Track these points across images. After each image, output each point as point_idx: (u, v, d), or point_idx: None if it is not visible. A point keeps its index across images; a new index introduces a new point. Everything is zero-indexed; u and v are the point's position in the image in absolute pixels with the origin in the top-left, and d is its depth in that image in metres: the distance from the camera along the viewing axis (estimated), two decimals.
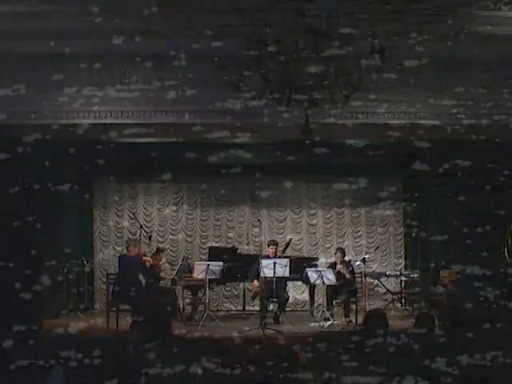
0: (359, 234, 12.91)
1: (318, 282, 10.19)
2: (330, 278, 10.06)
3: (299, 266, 10.48)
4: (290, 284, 11.25)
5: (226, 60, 7.17)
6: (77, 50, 7.76)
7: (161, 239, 12.68)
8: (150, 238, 10.96)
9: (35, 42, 7.63)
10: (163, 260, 10.79)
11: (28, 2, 7.09)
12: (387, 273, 11.74)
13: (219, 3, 6.90)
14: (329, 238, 12.92)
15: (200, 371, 4.41)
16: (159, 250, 11.08)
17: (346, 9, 6.21)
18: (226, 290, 12.58)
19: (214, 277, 10.16)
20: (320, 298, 11.62)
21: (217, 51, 7.26)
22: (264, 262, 9.88)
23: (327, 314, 10.20)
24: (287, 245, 11.38)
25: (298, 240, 12.84)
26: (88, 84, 8.24)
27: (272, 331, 9.31)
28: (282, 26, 6.08)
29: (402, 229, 12.81)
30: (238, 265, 10.66)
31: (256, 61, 6.07)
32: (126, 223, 12.71)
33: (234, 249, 11.50)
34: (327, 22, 5.85)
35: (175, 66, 7.71)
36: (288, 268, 9.90)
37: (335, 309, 10.49)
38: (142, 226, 10.71)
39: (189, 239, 12.87)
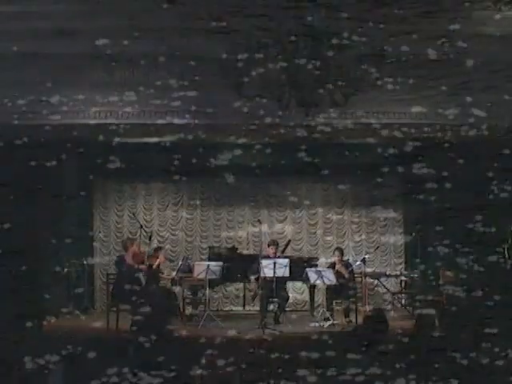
0: (359, 234, 12.92)
1: (318, 281, 10.20)
2: (330, 278, 10.06)
3: (299, 266, 10.49)
4: (289, 284, 11.25)
5: (227, 61, 7.18)
6: (77, 50, 7.77)
7: (161, 239, 12.68)
8: (150, 237, 10.95)
9: (35, 41, 7.64)
10: (161, 258, 10.78)
11: (29, 2, 7.10)
12: (387, 273, 11.75)
13: (220, 4, 6.90)
14: (329, 238, 12.91)
15: (199, 371, 4.42)
16: (157, 249, 11.07)
17: (345, 11, 6.22)
18: (225, 290, 12.59)
19: (214, 277, 10.16)
20: (320, 298, 11.62)
21: (218, 52, 7.27)
22: (264, 262, 9.88)
23: (327, 314, 10.21)
24: (286, 245, 11.37)
25: (298, 240, 12.85)
26: (88, 84, 8.25)
27: (272, 331, 9.32)
28: (283, 28, 6.09)
29: (401, 229, 12.81)
30: (238, 265, 10.66)
31: (256, 62, 6.09)
32: (126, 223, 12.72)
33: (234, 249, 11.50)
34: (327, 25, 5.86)
35: (176, 67, 7.72)
36: (288, 268, 9.90)
37: (335, 309, 10.50)
38: (142, 226, 10.70)
39: (189, 239, 12.88)
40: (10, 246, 8.80)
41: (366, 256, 11.49)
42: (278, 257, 10.43)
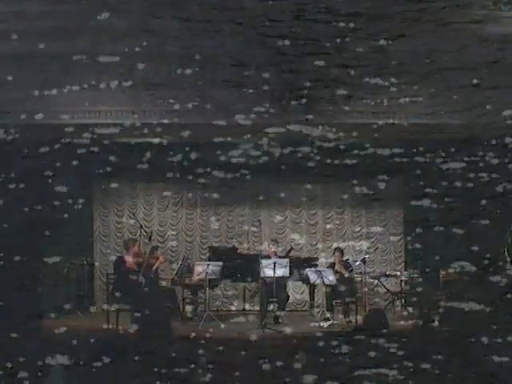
0: (359, 234, 12.92)
1: (318, 282, 10.20)
2: (330, 278, 10.07)
3: (299, 266, 10.50)
4: (290, 284, 11.25)
5: (227, 61, 7.18)
6: (77, 49, 7.76)
7: (161, 239, 12.69)
8: (150, 238, 10.94)
9: (34, 41, 7.63)
10: (161, 259, 10.77)
11: (28, 2, 7.10)
12: (387, 273, 11.75)
13: (221, 4, 6.90)
14: (329, 238, 12.93)
15: (200, 371, 4.42)
16: (153, 248, 11.04)
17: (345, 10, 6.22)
18: (225, 290, 12.59)
19: (214, 277, 10.16)
20: (320, 298, 11.63)
21: (217, 52, 7.26)
22: (264, 262, 9.89)
23: (327, 314, 10.21)
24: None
25: (298, 240, 12.84)
26: (88, 84, 8.25)
27: (272, 331, 9.32)
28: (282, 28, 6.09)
29: (402, 229, 12.81)
30: (238, 265, 10.66)
31: (257, 62, 6.09)
32: (125, 223, 12.72)
33: (234, 249, 11.50)
34: (327, 25, 5.86)
35: (175, 67, 7.71)
36: (288, 268, 9.91)
37: (335, 309, 10.49)
38: (142, 226, 10.68)
39: (189, 239, 12.88)
40: (10, 245, 8.80)
41: (366, 256, 11.49)
42: (278, 257, 10.44)
